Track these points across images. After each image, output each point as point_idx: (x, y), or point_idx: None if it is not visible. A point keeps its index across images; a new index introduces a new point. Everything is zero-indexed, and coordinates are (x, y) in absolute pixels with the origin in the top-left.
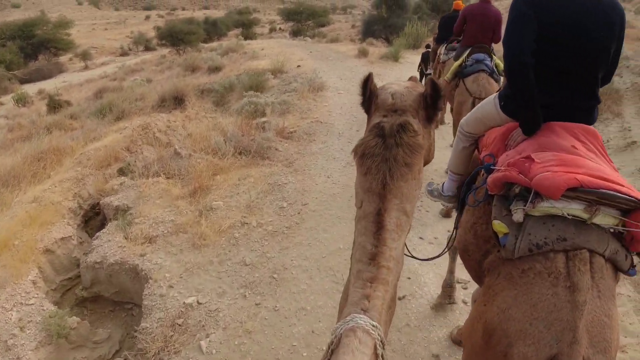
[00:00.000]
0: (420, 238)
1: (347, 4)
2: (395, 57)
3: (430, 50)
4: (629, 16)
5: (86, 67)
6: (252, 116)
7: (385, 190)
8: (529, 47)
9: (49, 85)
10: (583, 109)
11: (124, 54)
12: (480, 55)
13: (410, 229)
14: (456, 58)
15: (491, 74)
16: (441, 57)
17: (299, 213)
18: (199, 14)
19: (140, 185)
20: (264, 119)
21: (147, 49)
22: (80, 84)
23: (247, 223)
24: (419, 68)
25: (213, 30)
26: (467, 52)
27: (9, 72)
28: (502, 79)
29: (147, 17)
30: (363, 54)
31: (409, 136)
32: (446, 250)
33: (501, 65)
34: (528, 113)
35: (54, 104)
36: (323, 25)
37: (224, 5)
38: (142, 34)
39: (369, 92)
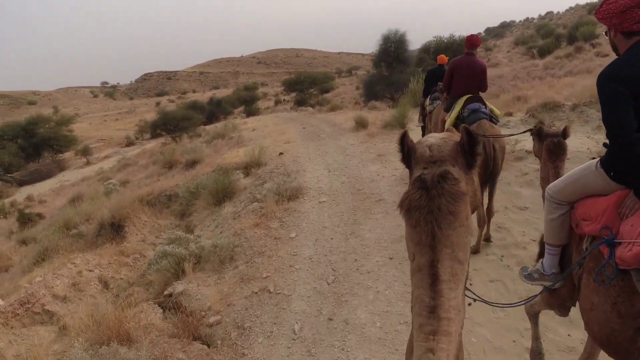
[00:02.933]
0: None
1: (352, 65)
2: (401, 124)
3: None
4: None
5: (87, 163)
6: (166, 281)
7: (435, 241)
8: (631, 127)
9: (45, 186)
10: None
11: (129, 144)
12: (476, 105)
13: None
14: (447, 109)
15: (490, 119)
16: (427, 107)
17: None
18: (208, 95)
19: None
20: (174, 288)
21: (153, 136)
22: (73, 185)
23: None
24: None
25: (218, 109)
26: (461, 102)
27: (7, 175)
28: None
29: (158, 104)
30: (362, 125)
31: (450, 185)
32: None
33: (495, 110)
34: None
35: (25, 219)
36: (327, 91)
37: (233, 83)
38: (148, 122)
39: (406, 149)
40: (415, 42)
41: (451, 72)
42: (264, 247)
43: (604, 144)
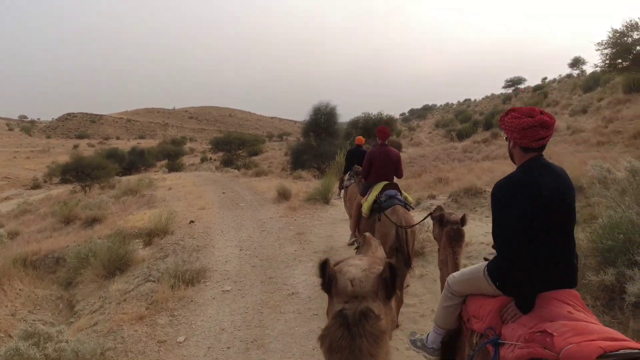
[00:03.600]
0: None
1: (283, 131)
2: (324, 198)
3: None
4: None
5: None
6: None
7: None
8: (518, 242)
9: None
10: (569, 275)
11: (36, 186)
12: (392, 192)
13: None
14: (363, 193)
15: (405, 205)
16: (345, 182)
17: None
18: (133, 143)
19: None
20: None
21: (63, 181)
22: None
23: None
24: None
25: (140, 160)
26: (379, 188)
27: None
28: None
29: (76, 146)
30: (284, 196)
31: (372, 325)
32: None
33: (409, 198)
34: (526, 298)
35: None
36: (256, 154)
37: (161, 135)
38: (61, 164)
39: (327, 277)
40: (345, 115)
41: (369, 162)
42: (143, 354)
43: (492, 254)
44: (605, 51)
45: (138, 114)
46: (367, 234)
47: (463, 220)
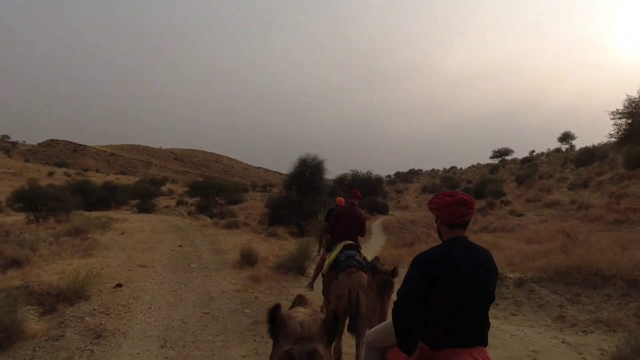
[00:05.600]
0: None
1: (268, 182)
2: (299, 267)
3: None
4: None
5: None
6: None
7: None
8: (414, 300)
9: None
10: (480, 336)
11: None
12: (351, 252)
13: None
14: (328, 249)
15: (361, 268)
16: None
17: None
18: (111, 178)
19: None
20: None
21: (17, 209)
22: None
23: None
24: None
25: (111, 196)
26: (340, 247)
27: None
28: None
29: (51, 174)
30: (248, 261)
31: None
32: None
33: (368, 258)
34: (404, 340)
35: None
36: (235, 203)
37: (142, 172)
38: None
39: (278, 322)
40: (332, 172)
41: (336, 218)
42: None
43: None
44: (621, 121)
45: (122, 149)
46: (302, 294)
47: (394, 272)
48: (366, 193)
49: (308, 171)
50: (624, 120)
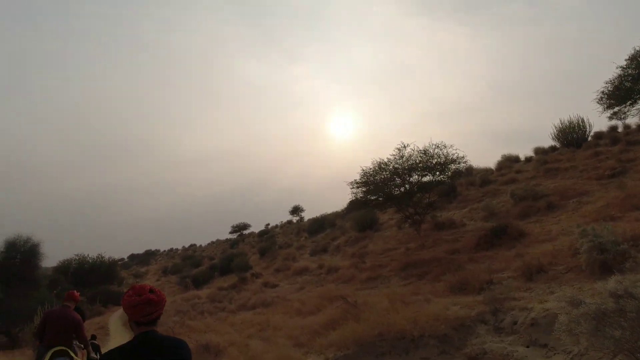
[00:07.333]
0: None
1: None
2: None
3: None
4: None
5: None
6: None
7: None
8: None
9: None
10: None
11: None
12: (62, 359)
13: None
14: (39, 358)
15: None
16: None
17: None
18: None
19: None
20: None
21: None
22: None
23: None
24: None
25: None
26: (49, 354)
27: None
28: None
29: None
30: None
31: None
32: None
33: None
34: None
35: None
36: None
37: None
38: None
39: None
40: (52, 257)
41: (44, 322)
42: None
43: None
44: (357, 189)
45: None
46: None
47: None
48: (98, 282)
49: (18, 258)
50: (360, 189)
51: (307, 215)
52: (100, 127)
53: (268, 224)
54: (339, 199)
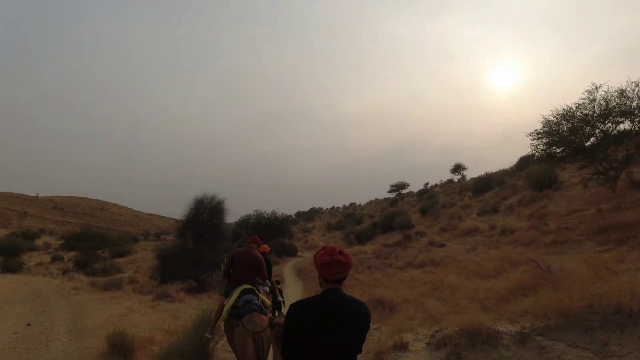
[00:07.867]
0: None
1: (162, 230)
2: (199, 347)
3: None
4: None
5: None
6: None
7: None
8: (290, 349)
9: None
10: None
11: None
12: (249, 297)
13: None
14: (226, 295)
15: (260, 310)
16: (275, 318)
17: None
18: None
19: None
20: None
21: None
22: None
23: None
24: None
25: None
26: (237, 292)
27: None
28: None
29: None
30: (121, 352)
31: None
32: None
33: (266, 300)
34: None
35: None
36: (122, 255)
37: (16, 224)
38: None
39: None
40: (234, 214)
41: (231, 260)
42: None
43: None
44: (537, 141)
45: None
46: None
47: None
48: (272, 235)
49: (206, 214)
50: (541, 140)
51: (469, 174)
52: (261, 103)
53: (427, 183)
54: (503, 156)
